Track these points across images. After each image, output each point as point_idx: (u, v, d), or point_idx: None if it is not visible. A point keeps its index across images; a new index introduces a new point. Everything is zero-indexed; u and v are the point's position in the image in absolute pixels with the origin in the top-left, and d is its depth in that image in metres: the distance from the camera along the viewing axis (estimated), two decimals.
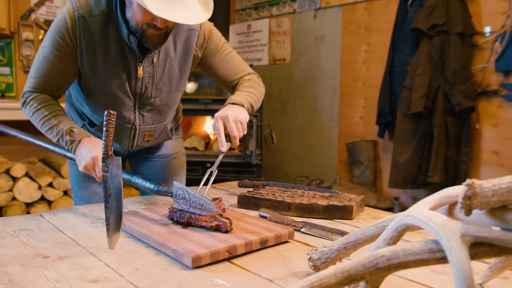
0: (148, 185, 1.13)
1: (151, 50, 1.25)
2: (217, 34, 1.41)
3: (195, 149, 3.73)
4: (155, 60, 1.29)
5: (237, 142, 1.19)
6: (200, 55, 1.38)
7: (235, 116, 1.20)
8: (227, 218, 0.96)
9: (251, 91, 1.37)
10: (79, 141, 1.20)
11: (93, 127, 1.41)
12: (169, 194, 1.08)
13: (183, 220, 1.00)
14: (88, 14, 1.21)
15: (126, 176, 1.18)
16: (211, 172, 1.14)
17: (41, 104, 1.26)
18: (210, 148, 3.78)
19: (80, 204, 1.47)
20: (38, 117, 1.25)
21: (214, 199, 1.07)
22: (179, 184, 1.04)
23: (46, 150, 1.47)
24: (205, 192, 1.08)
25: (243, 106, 1.28)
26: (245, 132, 1.22)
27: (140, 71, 1.28)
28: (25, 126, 1.63)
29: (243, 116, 1.23)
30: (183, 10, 1.11)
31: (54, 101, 1.29)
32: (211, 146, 3.78)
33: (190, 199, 1.01)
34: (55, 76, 1.27)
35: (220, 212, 0.97)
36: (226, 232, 0.95)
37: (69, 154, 1.26)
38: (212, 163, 1.14)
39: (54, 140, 1.24)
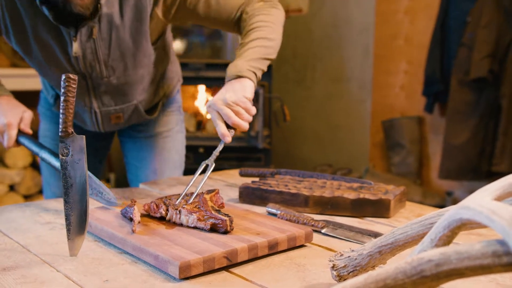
0: (54, 162, 1.17)
1: (85, 19, 1.22)
2: None
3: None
4: (95, 33, 1.29)
5: (245, 127, 1.17)
6: (162, 14, 1.34)
7: (228, 97, 1.17)
8: (227, 215, 0.97)
9: (260, 36, 1.29)
10: None
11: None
12: None
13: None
14: None
15: (34, 148, 1.22)
16: (207, 166, 1.14)
17: None
18: (203, 129, 3.78)
19: (53, 198, 1.51)
20: None
21: (209, 191, 1.08)
22: None
23: None
24: (196, 193, 1.08)
25: (247, 77, 1.23)
26: (252, 112, 1.19)
27: (76, 48, 1.29)
28: None
29: (242, 92, 1.19)
30: None
31: None
32: (204, 125, 3.79)
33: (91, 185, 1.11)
34: None
35: (117, 204, 1.08)
36: (225, 233, 0.96)
37: None
38: (206, 148, 1.14)
39: None
